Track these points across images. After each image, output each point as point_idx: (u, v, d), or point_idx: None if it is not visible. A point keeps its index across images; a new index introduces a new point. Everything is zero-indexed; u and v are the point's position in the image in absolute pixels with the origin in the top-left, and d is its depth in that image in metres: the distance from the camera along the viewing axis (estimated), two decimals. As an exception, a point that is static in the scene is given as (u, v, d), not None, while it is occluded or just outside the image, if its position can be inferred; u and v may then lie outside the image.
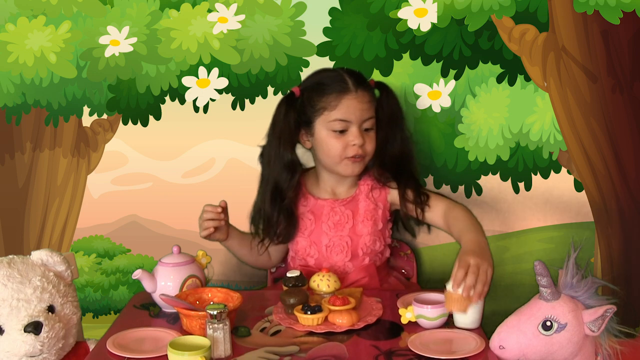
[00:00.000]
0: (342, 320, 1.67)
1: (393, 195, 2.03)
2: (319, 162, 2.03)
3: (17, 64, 2.20)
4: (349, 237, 2.00)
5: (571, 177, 2.23)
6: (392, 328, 1.70)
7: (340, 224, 2.00)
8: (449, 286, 1.60)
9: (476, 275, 1.62)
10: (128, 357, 1.56)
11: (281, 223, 2.00)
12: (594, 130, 2.20)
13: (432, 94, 2.20)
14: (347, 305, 1.70)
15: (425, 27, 2.15)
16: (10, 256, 1.71)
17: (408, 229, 2.08)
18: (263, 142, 2.03)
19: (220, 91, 2.21)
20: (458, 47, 2.16)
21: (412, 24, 2.15)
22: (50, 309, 1.65)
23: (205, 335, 1.56)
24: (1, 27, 2.19)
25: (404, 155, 2.03)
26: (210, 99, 2.22)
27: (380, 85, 2.02)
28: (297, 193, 2.02)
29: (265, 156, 2.02)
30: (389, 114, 2.00)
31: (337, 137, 1.93)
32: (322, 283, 1.80)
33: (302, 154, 2.05)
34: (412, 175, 2.03)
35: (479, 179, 2.24)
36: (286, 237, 2.03)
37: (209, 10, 2.16)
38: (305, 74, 2.16)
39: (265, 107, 2.18)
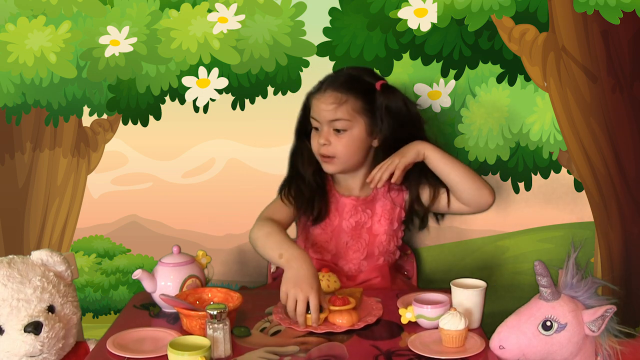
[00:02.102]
0: (342, 320, 1.67)
1: (409, 195, 2.04)
2: None
3: (17, 64, 2.20)
4: (367, 236, 2.02)
5: (571, 177, 2.23)
6: (392, 328, 1.70)
7: (360, 224, 2.02)
8: (442, 324, 1.60)
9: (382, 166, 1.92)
10: (128, 357, 1.56)
11: (308, 196, 1.99)
12: (594, 130, 2.20)
13: (432, 94, 2.20)
14: (347, 305, 1.70)
15: (425, 27, 2.15)
16: (10, 256, 1.71)
17: (424, 220, 2.08)
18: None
19: (220, 91, 2.21)
20: (458, 47, 2.16)
21: (412, 24, 2.15)
22: (50, 309, 1.65)
23: (205, 335, 1.56)
24: (1, 27, 2.19)
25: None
26: (210, 99, 2.22)
27: (386, 89, 1.97)
28: (328, 183, 2.04)
29: None
30: (390, 116, 1.96)
31: (314, 134, 1.98)
32: (322, 283, 1.80)
33: None
34: (421, 174, 2.00)
35: (479, 179, 2.24)
36: (319, 214, 2.01)
37: (209, 10, 2.16)
38: (305, 74, 2.17)
39: (265, 107, 2.18)
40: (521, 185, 2.24)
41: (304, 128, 2.03)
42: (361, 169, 2.02)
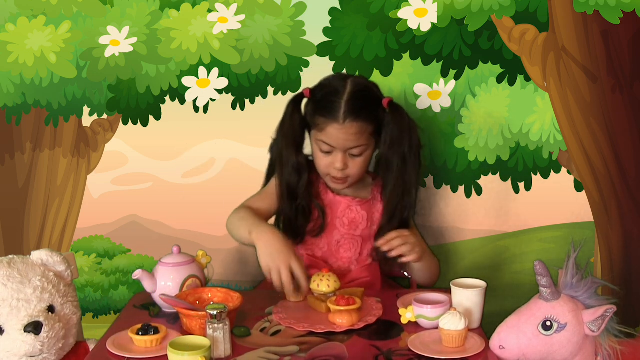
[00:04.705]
0: (342, 320, 1.67)
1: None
2: None
3: (17, 64, 2.20)
4: (361, 237, 2.01)
5: (571, 177, 2.23)
6: (392, 328, 1.70)
7: (355, 223, 2.00)
8: (442, 324, 1.60)
9: (402, 239, 1.85)
10: (128, 357, 1.56)
11: (300, 221, 1.98)
12: (594, 130, 2.20)
13: (432, 94, 2.20)
14: (353, 305, 1.69)
15: (425, 27, 2.15)
16: (10, 256, 1.71)
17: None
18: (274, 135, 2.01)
19: (220, 91, 2.21)
20: (458, 47, 2.16)
21: (412, 24, 2.15)
22: (50, 309, 1.65)
23: (205, 335, 1.56)
24: (1, 27, 2.19)
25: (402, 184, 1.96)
26: (210, 99, 2.22)
27: (393, 107, 1.94)
28: (316, 188, 2.01)
29: (274, 152, 2.02)
30: (391, 137, 1.94)
31: (324, 155, 1.93)
32: (322, 283, 1.80)
33: None
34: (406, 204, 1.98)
35: (479, 179, 2.24)
36: (315, 232, 2.00)
37: (209, 10, 2.16)
38: (305, 74, 2.17)
39: (265, 107, 2.18)
40: (521, 185, 2.24)
41: (300, 141, 1.97)
42: None
